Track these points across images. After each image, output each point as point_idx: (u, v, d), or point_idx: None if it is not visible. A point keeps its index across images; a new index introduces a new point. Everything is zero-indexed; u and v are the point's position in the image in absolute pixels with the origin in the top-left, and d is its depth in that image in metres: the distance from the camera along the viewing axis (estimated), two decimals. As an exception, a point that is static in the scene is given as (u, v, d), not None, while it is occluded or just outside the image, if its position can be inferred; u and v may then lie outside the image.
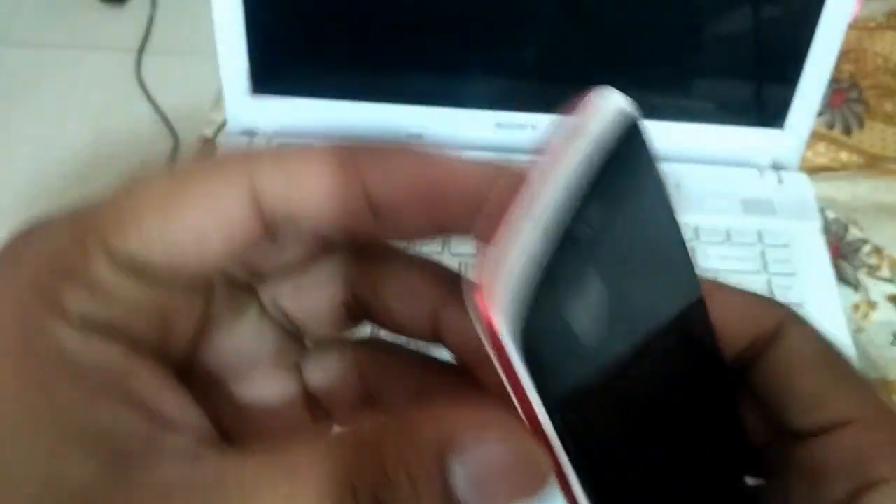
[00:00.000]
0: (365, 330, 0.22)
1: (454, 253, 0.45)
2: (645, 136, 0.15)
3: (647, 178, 0.16)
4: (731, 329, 0.19)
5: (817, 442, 0.18)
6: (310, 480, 0.14)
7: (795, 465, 0.19)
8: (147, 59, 0.64)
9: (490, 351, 0.13)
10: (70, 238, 0.16)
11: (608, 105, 0.15)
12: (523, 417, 0.15)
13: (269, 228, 0.17)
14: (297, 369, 0.21)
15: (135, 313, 0.17)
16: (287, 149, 0.18)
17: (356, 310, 0.21)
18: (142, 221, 0.16)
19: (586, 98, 0.15)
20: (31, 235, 0.17)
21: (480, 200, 0.16)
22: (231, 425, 0.19)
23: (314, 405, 0.21)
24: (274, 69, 0.51)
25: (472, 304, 0.13)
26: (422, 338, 0.20)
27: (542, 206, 0.13)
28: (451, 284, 0.20)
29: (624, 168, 0.15)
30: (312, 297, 0.21)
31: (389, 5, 0.50)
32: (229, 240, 0.17)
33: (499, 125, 0.51)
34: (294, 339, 0.21)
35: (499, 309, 0.13)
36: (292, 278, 0.20)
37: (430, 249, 0.20)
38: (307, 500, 0.14)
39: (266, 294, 0.20)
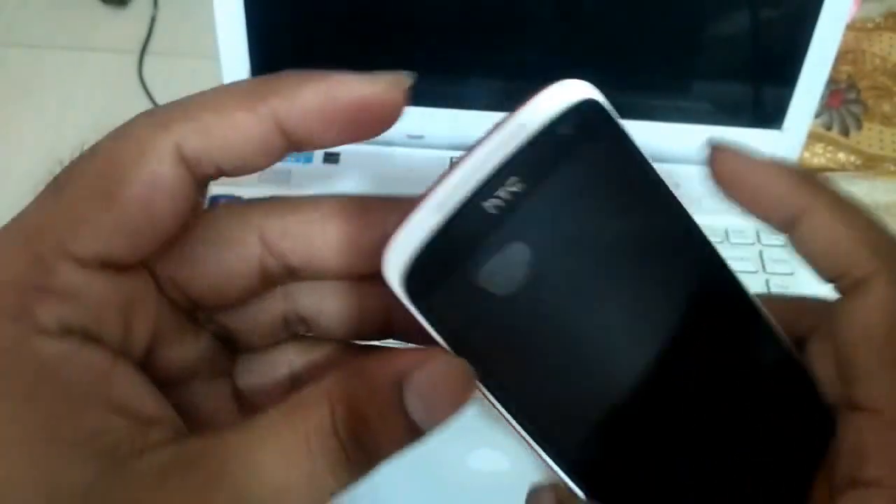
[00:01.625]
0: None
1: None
2: (608, 120, 0.18)
3: (605, 158, 0.18)
4: (824, 262, 0.19)
5: (844, 418, 0.18)
6: (299, 434, 0.16)
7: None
8: (149, 60, 0.64)
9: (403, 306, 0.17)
10: (25, 259, 0.17)
11: (553, 96, 0.17)
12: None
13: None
14: (229, 374, 0.22)
15: (103, 308, 0.18)
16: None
17: (297, 322, 0.22)
18: (91, 220, 0.17)
19: (539, 90, 0.17)
20: None
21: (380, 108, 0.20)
22: None
23: (242, 398, 0.22)
24: (275, 70, 0.51)
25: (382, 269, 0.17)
26: (372, 338, 0.22)
27: (443, 186, 0.17)
28: None
29: (565, 149, 0.17)
30: (252, 315, 0.21)
31: (390, 7, 0.50)
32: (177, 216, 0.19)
33: (498, 126, 0.52)
34: (228, 347, 0.22)
35: (392, 267, 0.16)
36: (236, 305, 0.21)
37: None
38: (298, 450, 0.16)
39: (206, 315, 0.21)
